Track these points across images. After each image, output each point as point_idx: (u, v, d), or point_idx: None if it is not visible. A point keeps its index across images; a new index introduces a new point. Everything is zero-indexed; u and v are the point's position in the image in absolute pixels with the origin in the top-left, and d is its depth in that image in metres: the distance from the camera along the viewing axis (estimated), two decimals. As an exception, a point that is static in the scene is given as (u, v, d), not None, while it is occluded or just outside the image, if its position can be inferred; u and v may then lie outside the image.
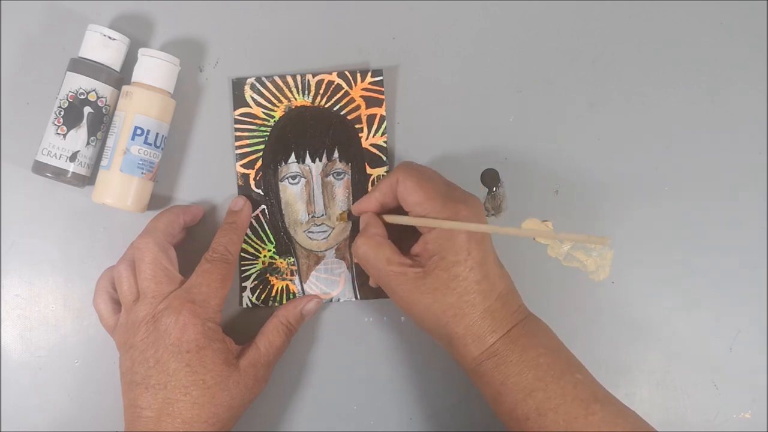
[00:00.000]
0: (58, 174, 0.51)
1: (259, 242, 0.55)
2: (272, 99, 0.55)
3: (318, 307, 0.54)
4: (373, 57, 0.56)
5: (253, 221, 0.54)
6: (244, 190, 0.55)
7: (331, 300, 0.55)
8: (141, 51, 0.52)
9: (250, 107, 0.55)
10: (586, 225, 0.56)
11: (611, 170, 0.56)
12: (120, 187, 0.51)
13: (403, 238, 0.50)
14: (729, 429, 0.55)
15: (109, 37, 0.52)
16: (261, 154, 0.55)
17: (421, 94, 0.56)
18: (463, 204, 0.46)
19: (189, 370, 0.46)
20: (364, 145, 0.55)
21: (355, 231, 0.55)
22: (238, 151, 0.55)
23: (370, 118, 0.55)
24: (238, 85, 0.55)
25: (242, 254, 0.54)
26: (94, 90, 0.51)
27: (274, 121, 0.55)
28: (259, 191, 0.55)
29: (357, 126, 0.55)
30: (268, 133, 0.55)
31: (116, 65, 0.53)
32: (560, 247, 0.56)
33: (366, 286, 0.55)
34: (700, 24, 0.57)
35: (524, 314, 0.47)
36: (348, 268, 0.55)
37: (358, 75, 0.55)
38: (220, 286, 0.49)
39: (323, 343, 0.55)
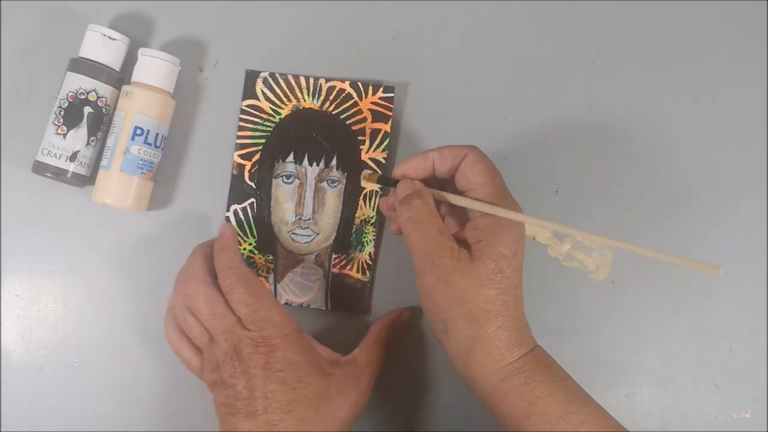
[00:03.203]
0: (58, 174, 0.51)
1: (241, 234, 0.54)
2: (282, 96, 0.55)
3: (410, 317, 0.53)
4: (372, 57, 0.56)
5: (240, 212, 0.54)
6: (237, 180, 0.54)
7: (300, 305, 0.55)
8: (141, 51, 0.52)
9: (259, 100, 0.55)
10: (586, 225, 0.55)
11: (611, 170, 0.56)
12: (120, 187, 0.51)
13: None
14: (729, 429, 0.55)
15: (109, 37, 0.52)
16: (261, 148, 0.55)
17: (421, 95, 0.56)
18: (516, 204, 0.46)
19: (286, 387, 0.44)
20: (363, 158, 0.55)
21: (341, 239, 0.54)
22: (239, 141, 0.55)
23: (374, 132, 0.55)
24: (251, 76, 0.55)
25: None
26: (94, 90, 0.51)
27: (280, 118, 0.55)
28: (252, 184, 0.54)
29: (360, 138, 0.55)
30: (271, 129, 0.55)
31: (116, 65, 0.53)
32: (560, 247, 0.56)
33: (336, 298, 0.54)
34: (700, 24, 0.57)
35: (535, 342, 0.46)
36: (324, 276, 0.55)
37: (370, 88, 0.55)
38: (268, 297, 0.47)
39: (323, 344, 0.55)
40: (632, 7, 0.57)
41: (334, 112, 0.55)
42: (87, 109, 0.51)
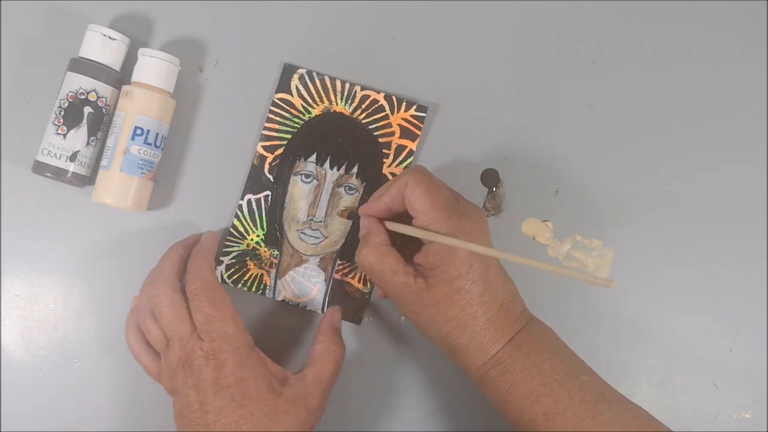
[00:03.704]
0: (58, 174, 0.51)
1: (251, 224, 0.54)
2: (315, 96, 0.55)
3: (340, 314, 0.53)
4: (372, 58, 0.56)
5: (253, 203, 0.54)
6: (256, 170, 0.55)
7: (297, 305, 0.55)
8: (141, 51, 0.52)
9: (291, 95, 0.55)
10: (586, 225, 0.56)
11: (611, 170, 0.56)
12: (120, 187, 0.51)
13: (407, 242, 0.49)
14: (729, 429, 0.55)
15: (109, 37, 0.52)
16: (285, 143, 0.55)
17: (419, 95, 0.56)
18: (467, 218, 0.46)
19: (235, 404, 0.45)
20: (384, 171, 0.55)
21: (348, 247, 0.55)
22: (265, 132, 0.55)
23: (399, 148, 0.55)
24: (287, 70, 0.55)
25: (231, 231, 0.54)
26: (94, 90, 0.51)
27: (310, 117, 0.55)
28: (270, 177, 0.55)
29: (385, 151, 0.55)
30: (299, 126, 0.55)
31: (116, 65, 0.53)
32: (560, 247, 0.56)
33: (334, 304, 0.55)
34: (700, 24, 0.57)
35: (527, 320, 0.47)
36: (325, 280, 0.55)
37: (404, 104, 0.55)
38: (227, 310, 0.47)
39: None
40: (632, 7, 0.57)
41: (363, 121, 0.55)
42: (87, 109, 0.51)
